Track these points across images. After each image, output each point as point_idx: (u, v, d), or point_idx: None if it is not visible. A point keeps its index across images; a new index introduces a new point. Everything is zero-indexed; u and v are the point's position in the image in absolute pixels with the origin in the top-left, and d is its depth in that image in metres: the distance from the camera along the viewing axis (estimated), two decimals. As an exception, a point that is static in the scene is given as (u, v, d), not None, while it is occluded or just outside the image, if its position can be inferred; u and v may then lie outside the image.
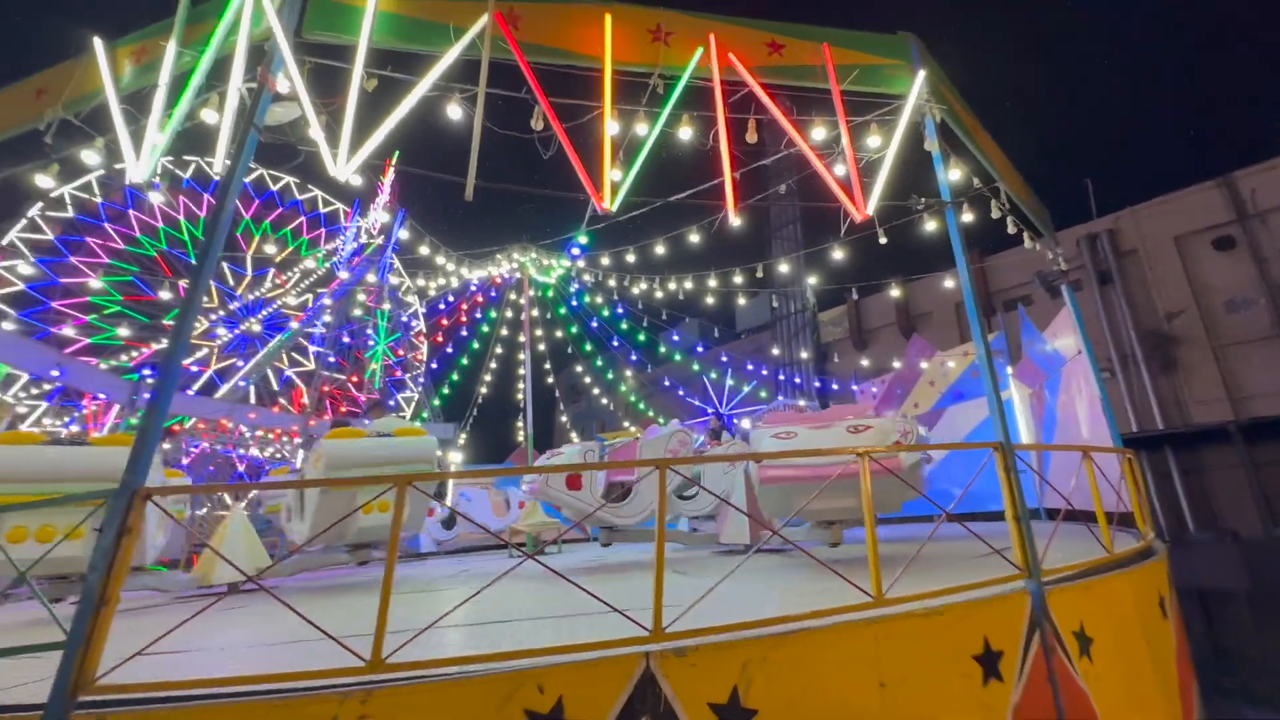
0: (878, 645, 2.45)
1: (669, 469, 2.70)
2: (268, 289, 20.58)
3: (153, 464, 2.65)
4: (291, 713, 1.92)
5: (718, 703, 2.17)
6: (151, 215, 18.61)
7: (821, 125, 4.23)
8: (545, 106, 3.61)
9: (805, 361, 23.67)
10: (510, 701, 2.03)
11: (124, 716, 1.94)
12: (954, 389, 10.98)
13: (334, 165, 3.16)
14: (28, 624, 4.26)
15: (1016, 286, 20.11)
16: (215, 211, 2.73)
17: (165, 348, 2.55)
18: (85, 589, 2.12)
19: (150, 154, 3.37)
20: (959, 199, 4.37)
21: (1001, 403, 3.43)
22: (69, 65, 4.02)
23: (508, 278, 14.90)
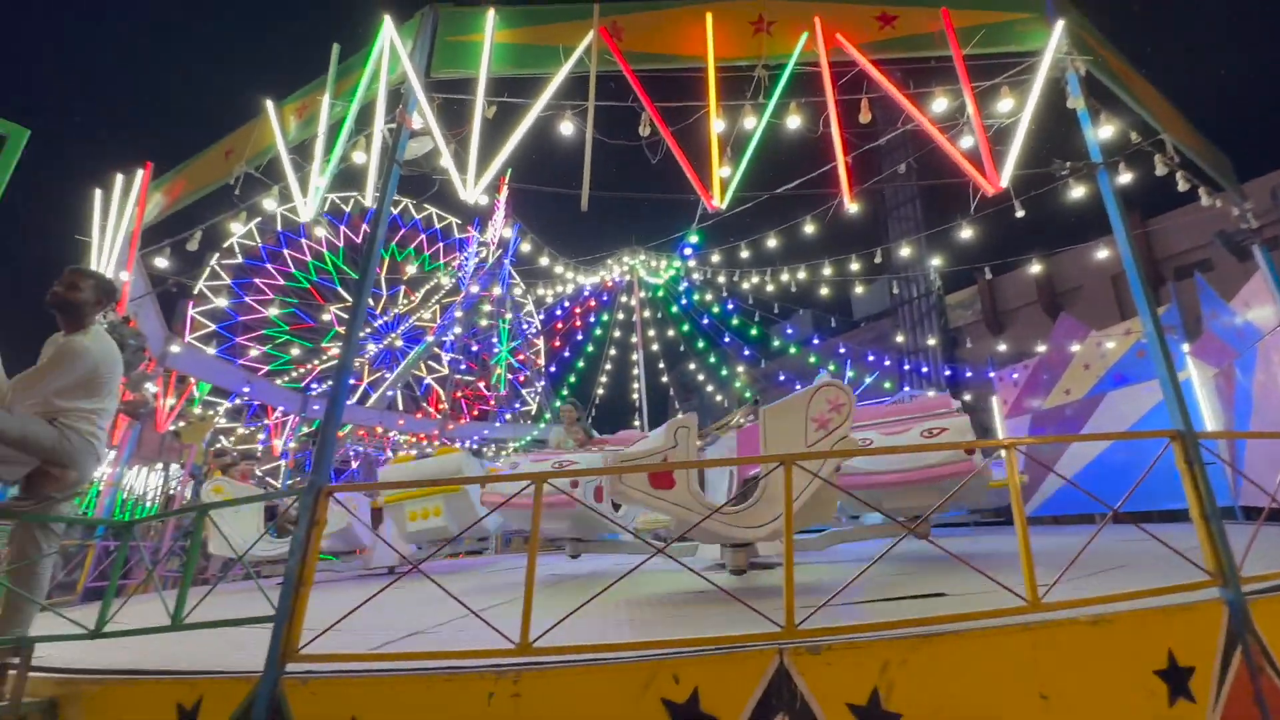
0: (1036, 654, 2.26)
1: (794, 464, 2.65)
2: (403, 306, 22.75)
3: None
4: (456, 686, 2.14)
5: (857, 704, 2.12)
6: (302, 251, 21.33)
7: (943, 96, 3.95)
8: (652, 112, 3.69)
9: (932, 349, 22.05)
10: (648, 689, 2.11)
11: (321, 682, 2.26)
12: (1114, 372, 9.74)
13: (464, 189, 3.46)
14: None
15: (1190, 251, 17.43)
16: (369, 240, 3.09)
17: (336, 363, 2.92)
18: (287, 571, 2.49)
19: (315, 195, 3.87)
20: (1113, 158, 3.89)
21: (1178, 385, 3.02)
22: (248, 126, 4.73)
23: (619, 281, 15.32)
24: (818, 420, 3.56)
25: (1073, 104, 3.60)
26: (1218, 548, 2.58)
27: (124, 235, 5.60)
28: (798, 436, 3.54)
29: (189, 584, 2.78)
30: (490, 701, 2.13)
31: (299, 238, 21.21)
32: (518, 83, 3.93)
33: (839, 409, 3.52)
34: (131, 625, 2.88)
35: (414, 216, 23.50)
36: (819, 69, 3.80)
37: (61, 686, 2.57)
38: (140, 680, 2.48)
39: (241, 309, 20.22)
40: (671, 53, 3.77)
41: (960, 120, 3.97)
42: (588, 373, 17.78)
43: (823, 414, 3.56)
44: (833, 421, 3.52)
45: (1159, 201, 16.87)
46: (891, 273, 19.25)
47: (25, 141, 2.96)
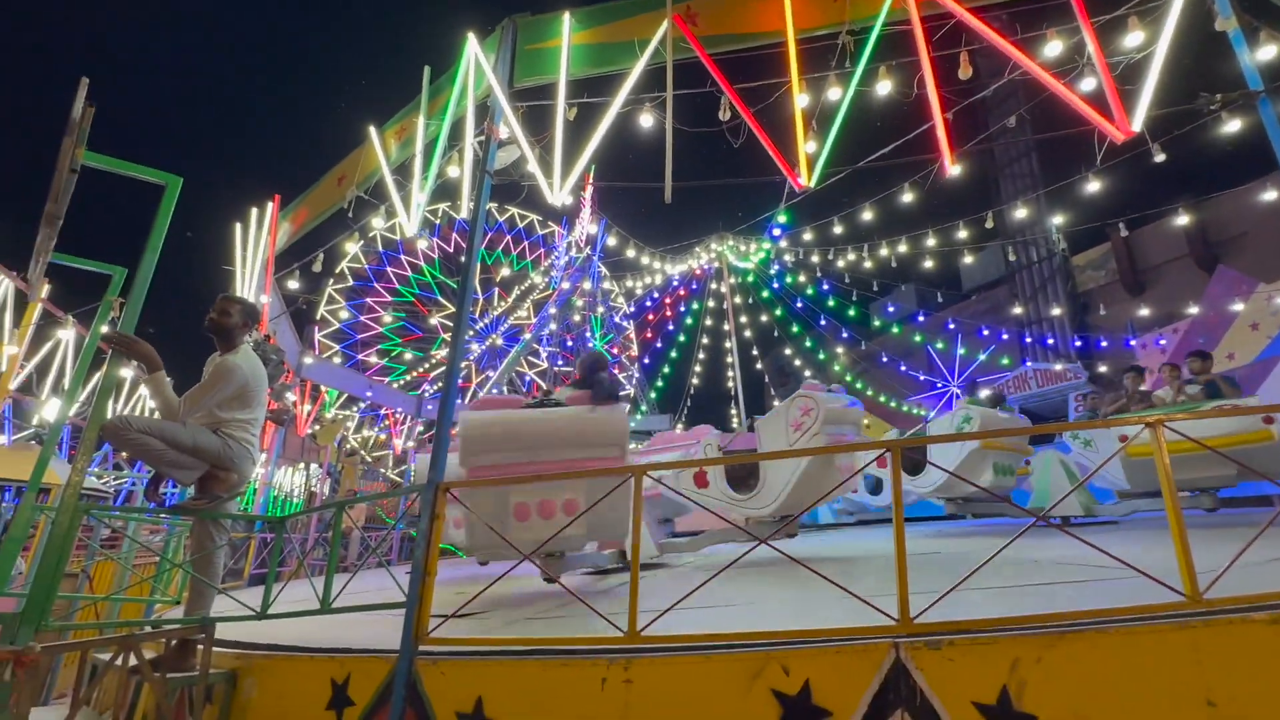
0: (1197, 655, 2.01)
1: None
2: (499, 307, 23.96)
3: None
4: (572, 671, 2.24)
5: (985, 703, 1.98)
6: (403, 267, 23.09)
7: (1057, 38, 3.55)
8: (731, 95, 3.62)
9: (1057, 317, 20.01)
10: (757, 680, 2.10)
11: (450, 663, 2.44)
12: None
13: (550, 192, 3.57)
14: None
15: (1391, 181, 14.58)
16: (467, 248, 3.27)
17: (445, 368, 3.13)
18: (414, 562, 2.71)
19: (416, 211, 4.16)
20: (1276, 83, 3.32)
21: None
22: (356, 153, 5.15)
23: (708, 268, 15.20)
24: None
25: (1222, 25, 3.12)
26: None
27: (261, 262, 6.30)
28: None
29: (334, 571, 3.09)
30: (603, 686, 2.21)
31: (399, 254, 23.01)
32: (596, 82, 3.99)
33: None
34: (288, 608, 3.25)
35: (498, 219, 24.68)
36: (909, 27, 3.55)
37: (239, 660, 2.96)
38: (300, 657, 2.80)
39: (358, 328, 22.26)
40: (748, 31, 3.66)
41: (1081, 61, 3.56)
42: (681, 363, 17.83)
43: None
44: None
45: (1344, 126, 14.28)
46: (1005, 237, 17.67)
47: (180, 188, 3.40)
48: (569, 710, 2.24)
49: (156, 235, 3.29)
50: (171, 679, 2.67)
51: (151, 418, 3.12)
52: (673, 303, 17.99)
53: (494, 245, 24.84)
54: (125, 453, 3.97)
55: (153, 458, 3.02)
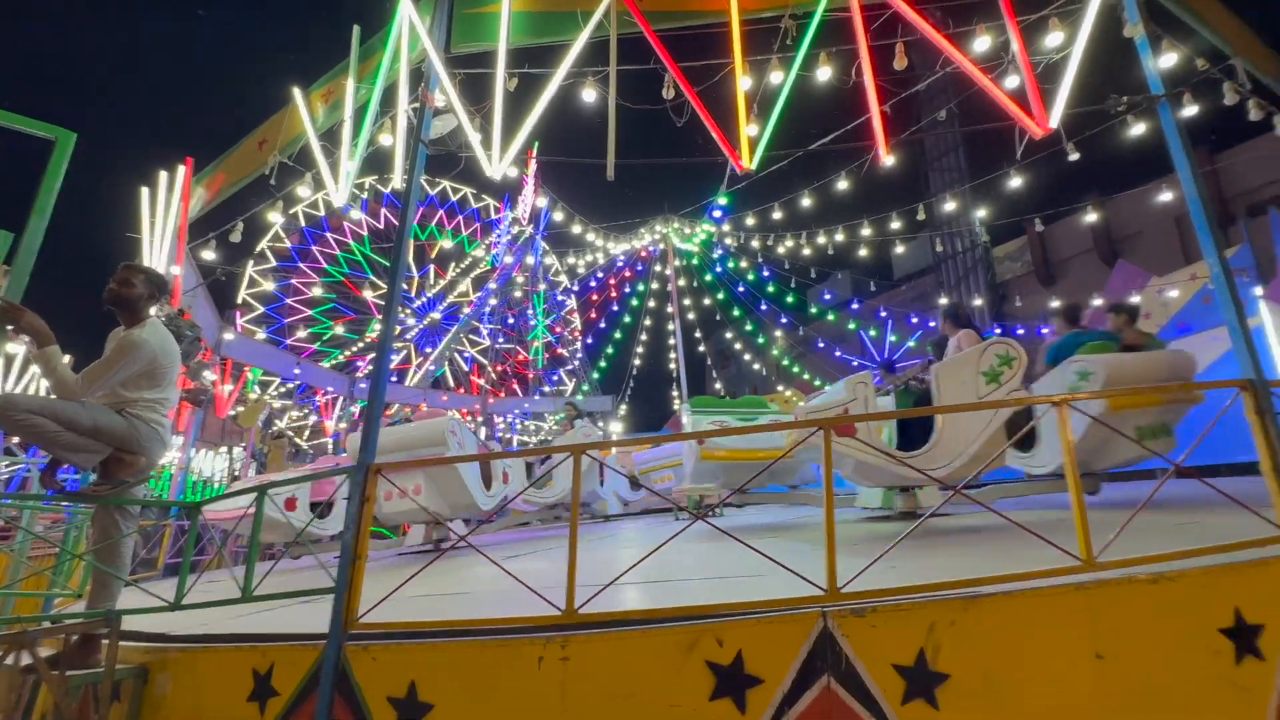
0: (1091, 613, 2.20)
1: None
2: (435, 285, 23.16)
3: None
4: (508, 651, 2.22)
5: (903, 664, 2.11)
6: (331, 246, 21.85)
7: (986, 34, 3.71)
8: (675, 73, 3.58)
9: (979, 307, 21.22)
10: (692, 652, 2.15)
11: (381, 648, 2.38)
12: (1177, 320, 9.21)
13: (489, 165, 3.45)
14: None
15: (1264, 186, 16.18)
16: (400, 220, 3.13)
17: (378, 341, 3.00)
18: (343, 546, 2.61)
19: (345, 180, 3.93)
20: (1176, 90, 3.60)
21: (1248, 332, 2.83)
22: (279, 115, 4.81)
23: (653, 249, 15.21)
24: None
25: (1130, 32, 3.33)
26: (1291, 501, 2.44)
27: (171, 230, 5.83)
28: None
29: (255, 559, 2.94)
30: (540, 665, 2.21)
31: (324, 231, 21.65)
32: (538, 53, 3.87)
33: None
34: (208, 598, 3.08)
35: (429, 193, 23.56)
36: (849, 14, 3.61)
37: (150, 654, 2.78)
38: (219, 648, 2.66)
39: (284, 310, 20.88)
40: (693, 8, 3.63)
41: (1005, 59, 3.73)
42: (624, 343, 17.84)
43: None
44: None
45: (1228, 134, 15.65)
46: (934, 228, 18.50)
47: (73, 145, 3.09)
48: (505, 691, 2.23)
49: (45, 196, 2.98)
50: (72, 677, 2.48)
51: (44, 397, 2.85)
52: (617, 283, 17.93)
53: (427, 220, 23.67)
54: (15, 436, 3.62)
55: (46, 441, 2.77)
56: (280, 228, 20.33)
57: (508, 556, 5.27)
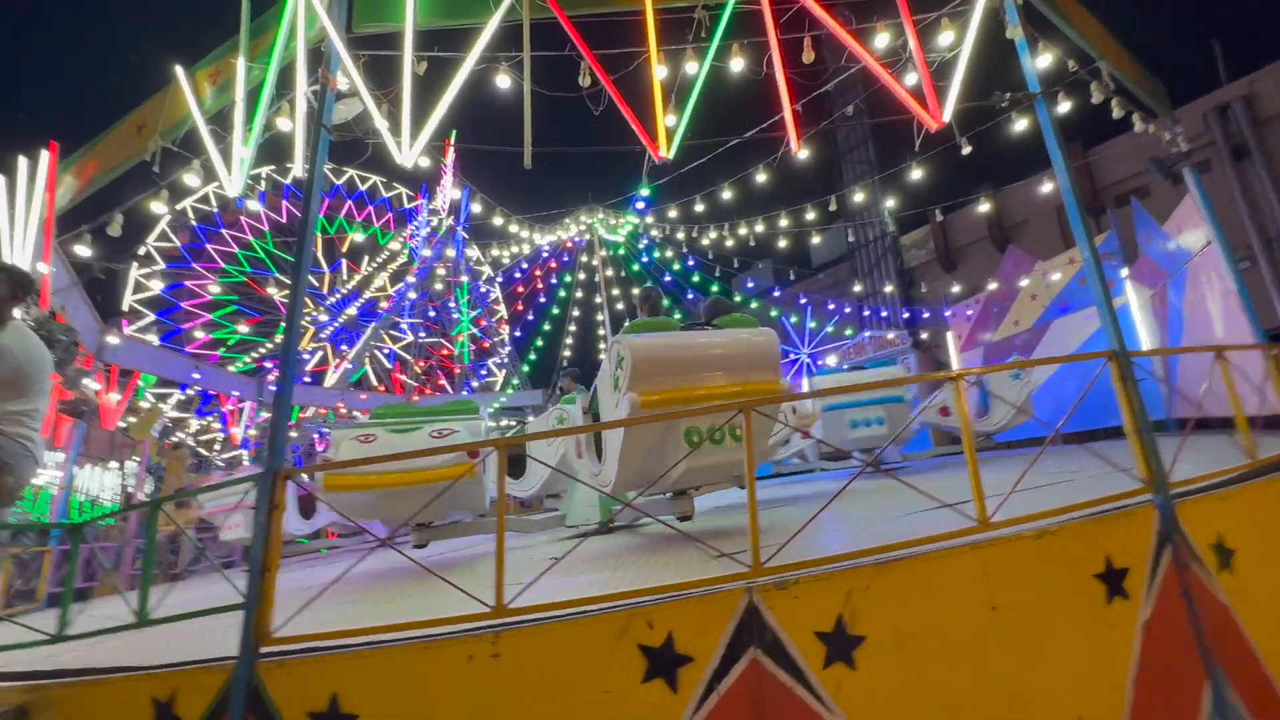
0: (986, 569, 2.40)
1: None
2: (358, 280, 21.96)
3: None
4: (436, 653, 2.17)
5: (824, 630, 2.22)
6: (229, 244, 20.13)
7: (886, 30, 3.91)
8: (591, 60, 3.55)
9: (890, 293, 22.49)
10: (623, 637, 2.17)
11: (299, 662, 2.25)
12: (1059, 301, 10.13)
13: (399, 153, 3.30)
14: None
15: (1128, 179, 18.00)
16: (303, 210, 2.94)
17: (281, 343, 2.82)
18: (251, 558, 2.45)
19: (240, 168, 3.65)
20: (1051, 88, 3.93)
21: (1113, 309, 3.15)
22: (160, 97, 4.39)
23: (578, 240, 15.08)
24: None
25: (1011, 33, 3.60)
26: (1149, 457, 2.75)
27: (36, 224, 5.22)
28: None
29: (149, 580, 2.71)
30: (470, 663, 2.17)
31: (219, 229, 19.84)
32: (448, 36, 3.72)
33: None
34: (99, 626, 2.81)
35: (335, 183, 22.09)
36: (759, 7, 3.70)
37: (28, 693, 2.50)
38: (110, 679, 2.44)
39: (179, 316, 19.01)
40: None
41: (904, 56, 3.95)
42: (553, 335, 17.64)
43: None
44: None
45: (1097, 131, 17.28)
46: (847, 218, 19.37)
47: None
48: (435, 692, 2.17)
49: None
50: (-71, 727, 2.20)
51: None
52: (543, 274, 17.67)
53: (335, 212, 22.17)
54: None
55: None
56: (168, 226, 18.50)
57: (439, 554, 5.13)
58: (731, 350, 3.56)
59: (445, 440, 4.20)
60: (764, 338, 3.63)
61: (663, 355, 3.48)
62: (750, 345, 3.59)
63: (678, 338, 3.62)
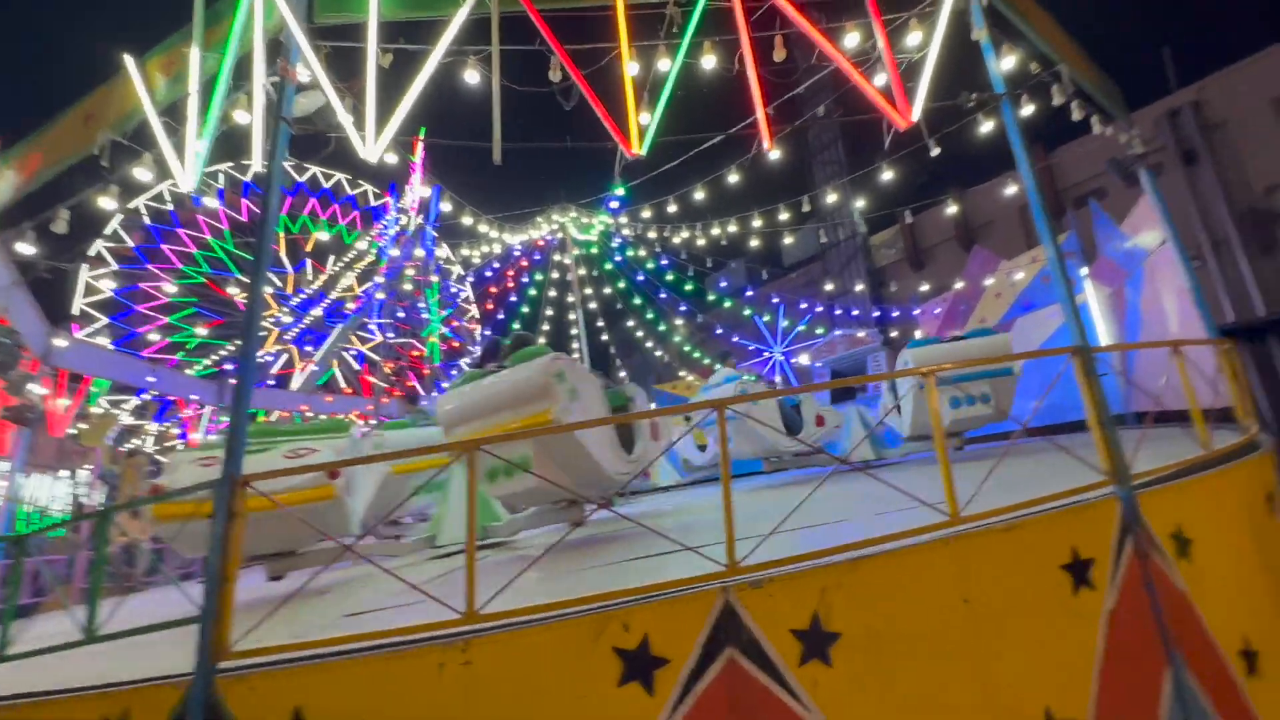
0: (958, 563, 2.43)
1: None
2: (323, 280, 21.41)
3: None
4: (406, 664, 2.10)
5: (799, 628, 2.22)
6: (186, 244, 19.37)
7: (855, 30, 3.94)
8: (561, 55, 3.50)
9: (860, 292, 22.83)
10: (598, 641, 2.14)
11: (260, 676, 2.16)
12: (1023, 299, 10.39)
13: (363, 147, 3.20)
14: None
15: (1088, 180, 18.56)
16: (263, 206, 2.83)
17: (240, 346, 2.71)
18: (208, 569, 2.34)
19: (194, 162, 3.50)
20: (1015, 90, 4.01)
21: (1076, 307, 3.22)
22: (107, 87, 4.18)
23: (550, 239, 14.95)
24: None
25: (976, 35, 3.66)
26: (1111, 450, 2.81)
27: (-25, 220, 4.94)
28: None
29: (98, 594, 2.58)
30: (441, 672, 2.11)
31: (175, 228, 19.02)
32: (415, 29, 3.63)
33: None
34: (45, 644, 2.66)
35: (297, 180, 21.37)
36: (731, 4, 3.70)
37: (-37, 718, 2.36)
38: (57, 700, 2.31)
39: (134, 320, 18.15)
40: (578, -11, 3.56)
41: (873, 55, 3.98)
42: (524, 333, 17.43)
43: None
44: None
45: (1059, 133, 17.81)
46: (819, 217, 19.61)
47: None
48: (404, 703, 2.11)
49: None
50: None
51: None
52: (515, 274, 17.46)
53: (298, 210, 21.45)
54: None
55: None
56: (120, 225, 17.69)
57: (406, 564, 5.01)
58: (508, 389, 3.80)
59: (303, 461, 3.88)
60: (530, 372, 3.71)
61: (458, 408, 3.96)
62: (520, 381, 3.74)
63: (471, 388, 3.99)
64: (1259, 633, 2.84)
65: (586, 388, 3.96)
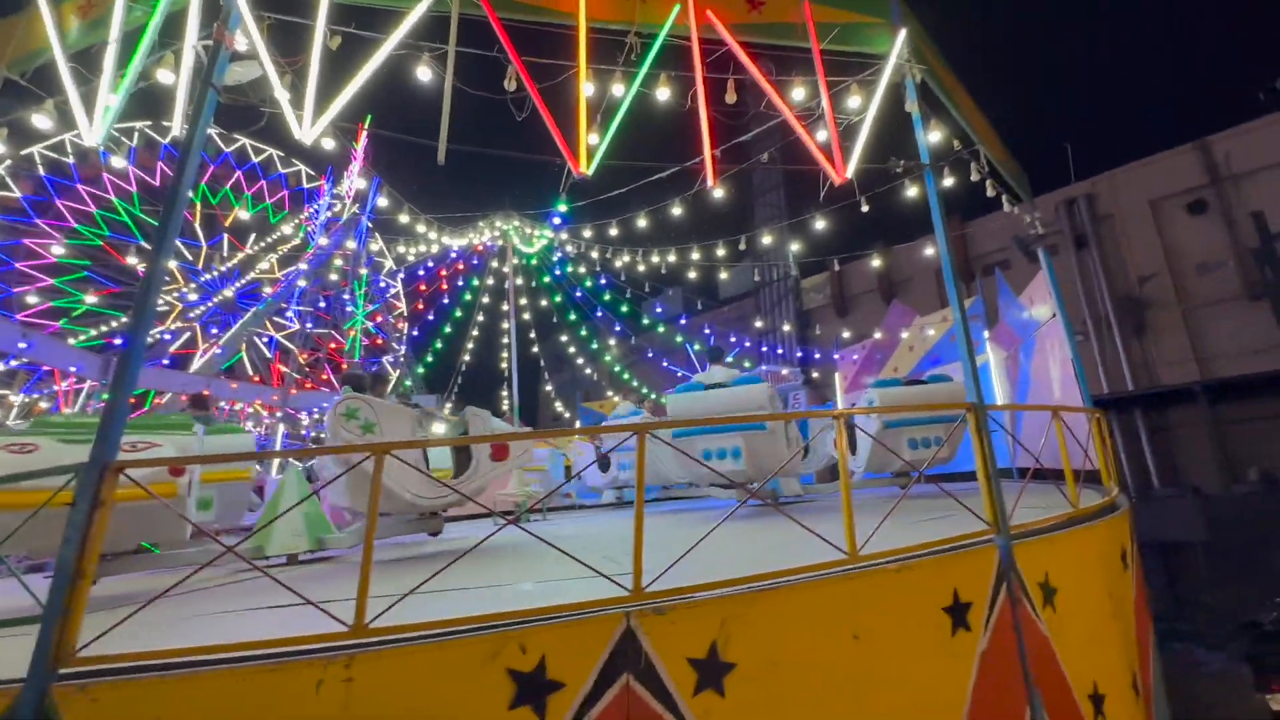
0: (852, 600, 2.53)
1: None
2: (240, 259, 20.02)
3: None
4: (277, 678, 1.95)
5: (697, 657, 2.24)
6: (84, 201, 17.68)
7: (802, 86, 4.17)
8: (518, 66, 3.50)
9: (788, 332, 23.78)
10: (493, 661, 2.07)
11: (106, 687, 1.95)
12: (932, 354, 11.15)
13: (299, 128, 3.05)
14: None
15: (995, 251, 20.31)
16: (176, 175, 2.63)
17: (130, 319, 2.49)
18: (60, 562, 2.10)
19: (104, 117, 3.22)
20: (939, 162, 4.36)
21: (975, 366, 3.49)
22: (10, 21, 3.79)
23: (490, 245, 14.69)
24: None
25: (909, 107, 3.97)
26: (994, 502, 3.04)
27: None
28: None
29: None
30: (319, 690, 1.97)
31: (74, 183, 17.27)
32: (370, 15, 3.53)
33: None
34: None
35: (224, 149, 19.95)
36: (689, 43, 3.83)
37: None
38: None
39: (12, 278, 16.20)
40: (541, 4, 3.58)
41: (816, 112, 4.22)
42: (454, 339, 16.98)
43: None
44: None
45: (975, 206, 19.44)
46: (755, 256, 20.32)
47: None
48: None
49: None
50: None
51: None
52: (449, 276, 17.00)
53: (221, 182, 19.95)
54: None
55: None
56: (6, 171, 15.87)
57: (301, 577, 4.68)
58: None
59: (144, 454, 3.68)
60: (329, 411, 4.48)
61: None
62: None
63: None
64: (1106, 677, 3.13)
65: (389, 423, 4.48)
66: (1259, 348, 15.58)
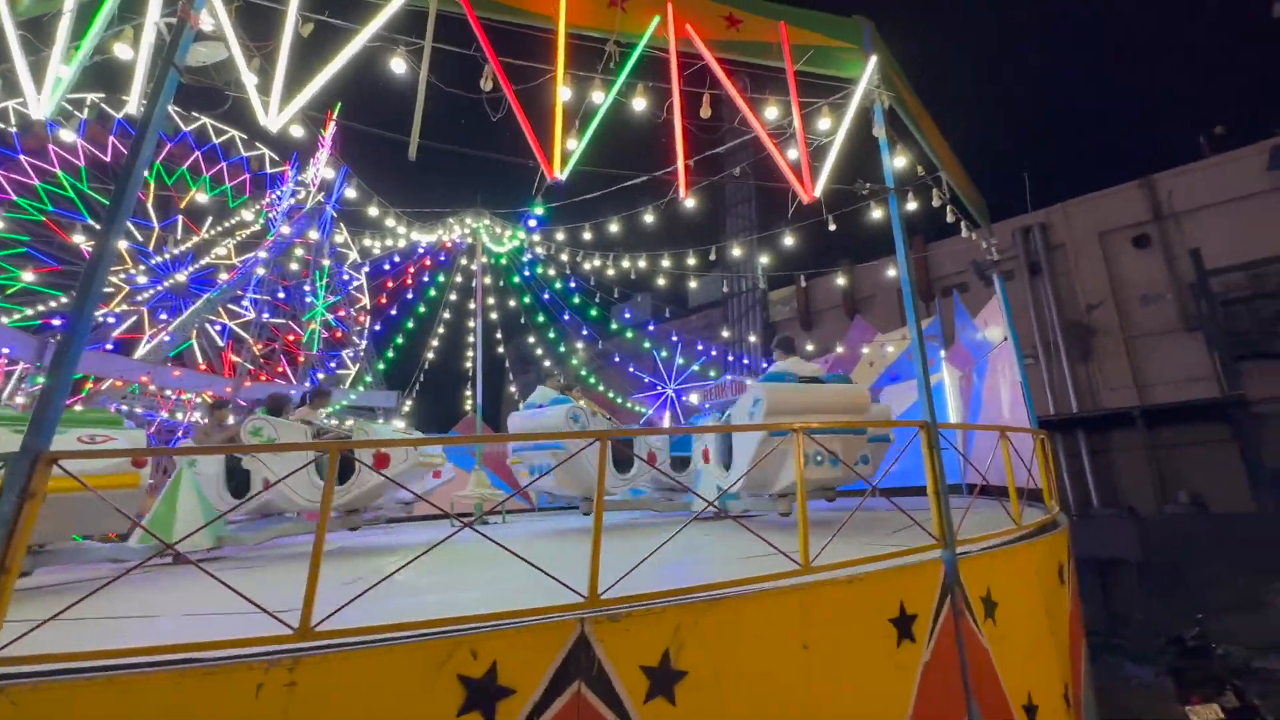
0: (803, 610, 2.58)
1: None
2: (194, 242, 19.25)
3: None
4: (214, 681, 1.88)
5: (649, 665, 2.25)
6: (27, 173, 16.80)
7: (775, 105, 4.26)
8: (495, 66, 3.48)
9: (754, 342, 24.10)
10: (443, 667, 2.04)
11: (27, 689, 1.85)
12: (891, 371, 11.45)
13: (265, 114, 2.97)
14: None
15: (954, 274, 21.00)
16: (131, 154, 2.53)
17: (74, 299, 2.38)
18: (-19, 556, 1.99)
19: (54, 89, 3.07)
20: (903, 186, 4.50)
21: (930, 385, 3.61)
22: (-44, -18, 3.59)
23: (459, 243, 14.49)
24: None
25: (877, 132, 4.10)
26: (942, 518, 3.15)
27: None
28: None
29: None
30: (259, 694, 1.91)
31: (16, 154, 16.37)
32: (343, 3, 3.46)
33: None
34: None
35: (183, 128, 19.13)
36: (667, 55, 3.88)
37: None
38: None
39: None
40: (521, 6, 3.57)
41: (788, 130, 4.32)
42: (417, 335, 16.66)
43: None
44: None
45: (937, 229, 20.08)
46: (725, 267, 20.55)
47: None
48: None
49: None
50: None
51: None
52: (415, 271, 16.68)
53: (176, 162, 19.12)
54: None
55: None
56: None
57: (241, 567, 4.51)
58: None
59: (102, 446, 3.81)
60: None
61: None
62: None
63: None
64: (1040, 690, 3.26)
65: (287, 439, 5.40)
66: (1193, 377, 16.50)
